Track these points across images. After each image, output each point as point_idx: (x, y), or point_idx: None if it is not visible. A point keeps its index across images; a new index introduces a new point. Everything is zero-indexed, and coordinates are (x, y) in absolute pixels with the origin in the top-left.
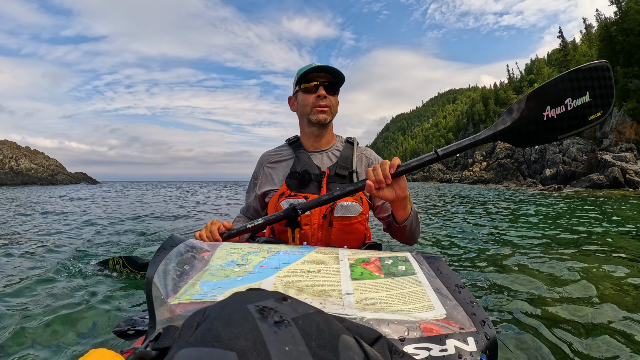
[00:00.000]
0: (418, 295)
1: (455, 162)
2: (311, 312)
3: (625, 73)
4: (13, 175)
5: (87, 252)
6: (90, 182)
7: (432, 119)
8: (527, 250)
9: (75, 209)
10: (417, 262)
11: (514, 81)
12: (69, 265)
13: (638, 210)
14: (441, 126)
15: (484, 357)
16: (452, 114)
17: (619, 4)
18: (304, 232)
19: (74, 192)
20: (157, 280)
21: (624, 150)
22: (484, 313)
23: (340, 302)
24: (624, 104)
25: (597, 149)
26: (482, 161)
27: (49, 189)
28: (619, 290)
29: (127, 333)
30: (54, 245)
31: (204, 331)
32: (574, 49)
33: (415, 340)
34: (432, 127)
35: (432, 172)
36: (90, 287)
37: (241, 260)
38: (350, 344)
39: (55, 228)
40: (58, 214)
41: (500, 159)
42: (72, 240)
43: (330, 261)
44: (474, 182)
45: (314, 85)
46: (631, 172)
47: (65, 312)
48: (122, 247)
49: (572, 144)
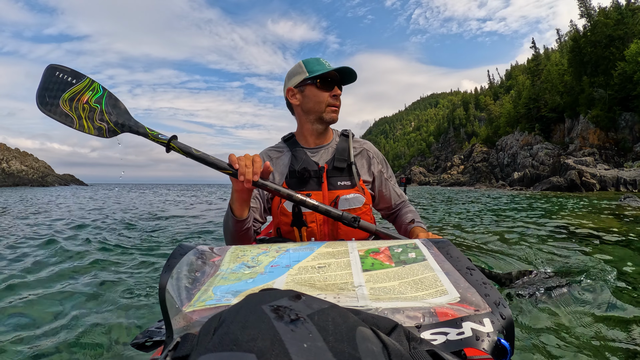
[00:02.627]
0: (430, 280)
1: (436, 165)
2: (326, 307)
3: (592, 82)
4: (5, 177)
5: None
6: (79, 183)
7: (414, 123)
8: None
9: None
10: (426, 247)
11: (494, 86)
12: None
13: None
14: (423, 130)
15: (501, 337)
16: (434, 117)
17: (589, 17)
18: (310, 229)
19: (88, 193)
20: (171, 289)
21: (586, 154)
22: (498, 293)
23: (354, 295)
24: (589, 112)
25: (563, 154)
26: (459, 164)
27: (49, 190)
28: None
29: (145, 345)
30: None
31: (222, 336)
32: (546, 58)
33: (432, 325)
34: (414, 130)
35: (413, 175)
36: (105, 302)
37: (251, 262)
38: (368, 335)
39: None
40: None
41: (475, 163)
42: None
43: (340, 255)
44: (451, 184)
45: (332, 82)
46: (587, 174)
47: (81, 329)
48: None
49: (541, 148)
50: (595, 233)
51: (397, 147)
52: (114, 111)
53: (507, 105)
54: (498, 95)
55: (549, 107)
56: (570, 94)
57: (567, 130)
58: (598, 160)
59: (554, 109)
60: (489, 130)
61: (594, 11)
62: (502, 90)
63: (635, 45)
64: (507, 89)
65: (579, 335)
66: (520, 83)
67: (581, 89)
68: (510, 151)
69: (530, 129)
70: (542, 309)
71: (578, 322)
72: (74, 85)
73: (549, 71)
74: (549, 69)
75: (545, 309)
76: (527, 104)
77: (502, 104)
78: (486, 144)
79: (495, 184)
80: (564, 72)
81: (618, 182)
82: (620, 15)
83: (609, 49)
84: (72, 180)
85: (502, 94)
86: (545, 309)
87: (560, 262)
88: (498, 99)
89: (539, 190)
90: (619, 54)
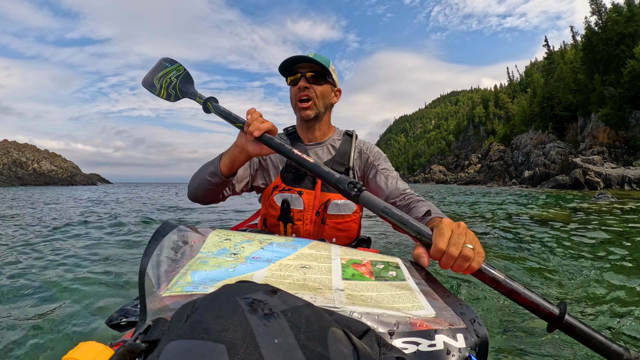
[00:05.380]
0: (408, 297)
1: (456, 163)
2: (300, 305)
3: (603, 81)
4: (36, 177)
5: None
6: (105, 182)
7: (435, 121)
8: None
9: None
10: (407, 269)
11: (514, 84)
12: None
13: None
14: (443, 128)
15: (472, 354)
16: (454, 115)
17: (600, 14)
18: (296, 227)
19: (125, 192)
20: (150, 271)
21: (595, 153)
22: (474, 312)
23: (331, 297)
24: (599, 110)
25: (575, 152)
26: (477, 163)
27: (78, 189)
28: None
29: (120, 324)
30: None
31: (193, 323)
32: (561, 56)
33: (404, 334)
34: (434, 128)
35: (432, 174)
36: (82, 277)
37: (234, 249)
38: (339, 336)
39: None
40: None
41: (492, 161)
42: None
43: (322, 259)
44: (467, 182)
45: (297, 77)
46: (592, 173)
47: (58, 302)
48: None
49: (553, 147)
50: (536, 218)
51: (417, 145)
52: (184, 84)
53: (523, 103)
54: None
55: (562, 106)
56: (583, 92)
57: (580, 128)
58: (607, 158)
59: (567, 108)
60: (507, 128)
61: (604, 8)
62: (519, 89)
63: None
64: (524, 87)
65: None
66: (535, 81)
67: (593, 87)
68: (524, 150)
69: (544, 128)
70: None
71: None
72: (167, 67)
73: (562, 69)
74: (562, 68)
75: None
76: (541, 102)
77: (519, 102)
78: (503, 143)
79: (509, 182)
80: (577, 70)
81: (623, 181)
82: (631, 12)
83: (620, 47)
84: (98, 180)
85: (519, 93)
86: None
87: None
88: (515, 98)
89: (545, 188)
90: (629, 51)
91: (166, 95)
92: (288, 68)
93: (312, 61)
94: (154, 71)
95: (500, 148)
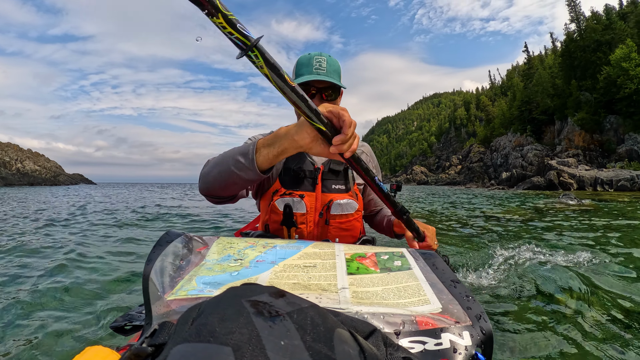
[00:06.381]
0: (414, 289)
1: (437, 164)
2: (306, 306)
3: (580, 86)
4: (20, 177)
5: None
6: (88, 182)
7: (417, 122)
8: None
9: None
10: (413, 257)
11: (495, 86)
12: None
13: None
14: (425, 129)
15: (478, 351)
16: (436, 117)
17: (579, 22)
18: (299, 230)
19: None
20: (154, 276)
21: (570, 155)
22: (480, 307)
23: (336, 297)
24: (576, 114)
25: (551, 154)
26: (458, 164)
27: (67, 189)
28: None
29: (125, 328)
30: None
31: (199, 326)
32: (540, 61)
33: (411, 333)
34: (417, 130)
35: (414, 175)
36: (88, 281)
37: (237, 254)
38: (345, 337)
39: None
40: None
41: (472, 163)
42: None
43: (326, 256)
44: (447, 183)
45: (311, 92)
46: (565, 175)
47: (63, 308)
48: None
49: (531, 149)
50: (492, 214)
51: (400, 146)
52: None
53: (503, 106)
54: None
55: (540, 110)
56: (560, 97)
57: (557, 132)
58: (582, 161)
59: (545, 112)
60: (487, 130)
61: (583, 16)
62: (500, 92)
63: (620, 50)
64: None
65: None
66: (515, 85)
67: (570, 92)
68: (503, 152)
69: (523, 131)
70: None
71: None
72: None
73: (541, 74)
74: (540, 73)
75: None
76: (520, 106)
77: (499, 105)
78: (483, 144)
79: (487, 183)
80: (555, 75)
81: (595, 182)
82: (609, 20)
83: (597, 54)
84: (81, 180)
85: (499, 96)
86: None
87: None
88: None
89: (520, 190)
90: (605, 58)
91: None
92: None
93: (331, 83)
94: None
95: (481, 150)
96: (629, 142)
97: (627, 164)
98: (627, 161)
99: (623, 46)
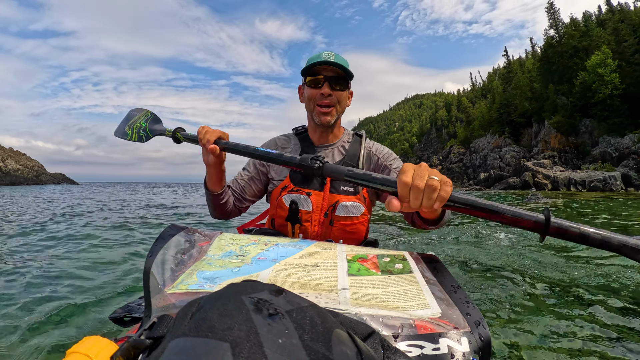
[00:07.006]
0: (414, 293)
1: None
2: (305, 306)
3: (557, 90)
4: (2, 176)
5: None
6: (70, 182)
7: (398, 123)
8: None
9: None
10: (414, 261)
11: (477, 88)
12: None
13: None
14: (406, 130)
15: (476, 358)
16: (418, 118)
17: (557, 28)
18: (304, 228)
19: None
20: (155, 269)
21: (547, 157)
22: (479, 314)
23: (336, 297)
24: (552, 117)
25: (528, 156)
26: (438, 164)
27: (52, 188)
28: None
29: (124, 320)
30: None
31: (198, 321)
32: (520, 65)
33: (409, 337)
34: (398, 130)
35: None
36: (89, 274)
37: (239, 251)
38: (344, 338)
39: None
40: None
41: (452, 164)
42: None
43: (328, 256)
44: None
45: (319, 79)
46: (540, 175)
47: (63, 298)
48: None
49: (509, 151)
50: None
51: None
52: (152, 125)
53: (483, 108)
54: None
55: (518, 112)
56: (538, 101)
57: (534, 134)
58: (557, 162)
59: (523, 114)
60: (467, 132)
61: (562, 23)
62: (480, 94)
63: (596, 57)
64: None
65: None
66: (495, 88)
67: (547, 96)
68: (482, 153)
69: (501, 133)
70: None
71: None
72: (136, 115)
73: (520, 78)
74: (519, 77)
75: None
76: (499, 108)
77: (479, 107)
78: (463, 145)
79: (466, 183)
80: (534, 79)
81: (569, 183)
82: (586, 27)
83: (574, 59)
84: (63, 179)
85: (479, 99)
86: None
87: None
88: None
89: (497, 190)
90: (581, 64)
91: (137, 137)
92: (308, 67)
93: (336, 64)
94: (125, 122)
95: (461, 151)
96: (603, 145)
97: (601, 165)
98: (600, 163)
99: (599, 52)
